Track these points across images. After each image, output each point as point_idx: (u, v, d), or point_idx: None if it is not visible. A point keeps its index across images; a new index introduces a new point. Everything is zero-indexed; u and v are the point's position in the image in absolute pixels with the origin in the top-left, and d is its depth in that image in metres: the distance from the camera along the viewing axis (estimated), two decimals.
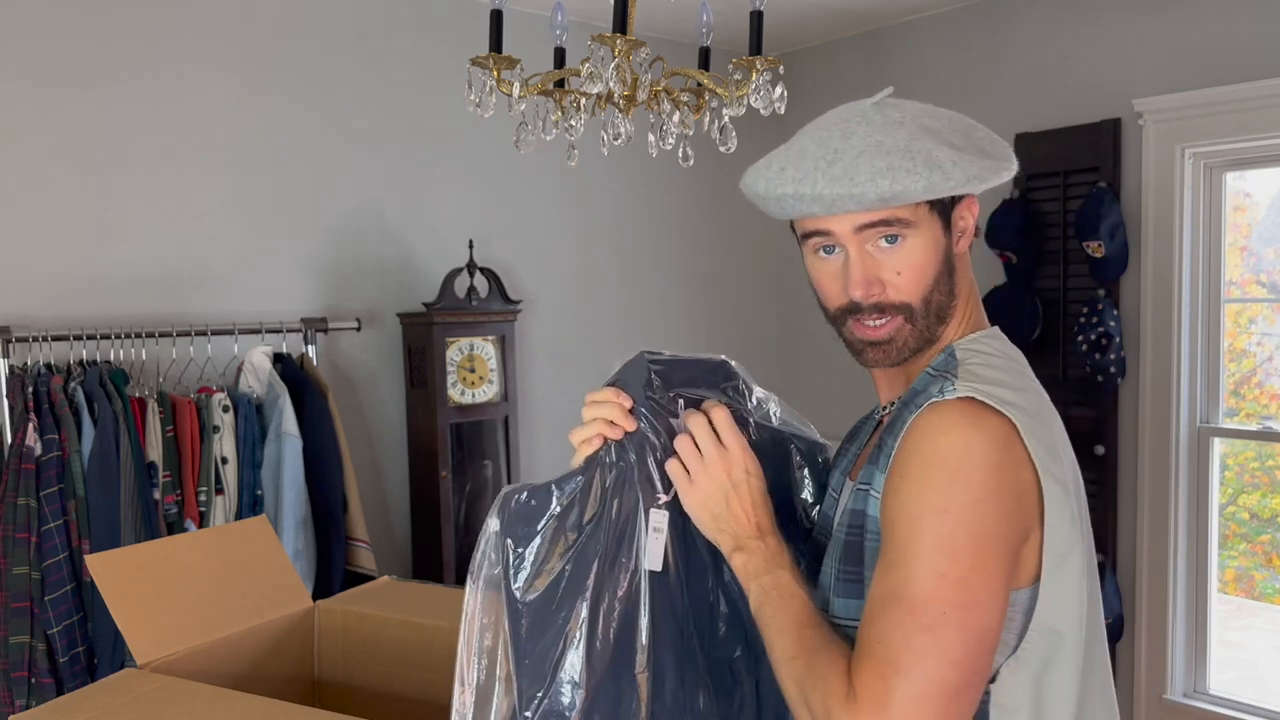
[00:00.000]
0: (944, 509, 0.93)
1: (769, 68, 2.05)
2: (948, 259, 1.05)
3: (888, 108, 1.06)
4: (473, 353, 3.54)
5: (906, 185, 0.99)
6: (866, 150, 1.01)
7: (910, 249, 1.04)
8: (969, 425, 0.95)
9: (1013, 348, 1.11)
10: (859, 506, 1.04)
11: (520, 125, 2.15)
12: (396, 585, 1.77)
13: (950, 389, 0.98)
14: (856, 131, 1.03)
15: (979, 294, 1.14)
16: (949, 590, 0.91)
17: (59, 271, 2.91)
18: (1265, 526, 4.11)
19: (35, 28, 2.86)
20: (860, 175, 1.00)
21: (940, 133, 1.03)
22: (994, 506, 0.94)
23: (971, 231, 1.07)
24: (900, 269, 1.04)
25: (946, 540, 0.92)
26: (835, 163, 1.02)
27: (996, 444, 0.95)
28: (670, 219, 4.30)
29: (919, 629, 0.91)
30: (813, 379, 4.49)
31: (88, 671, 2.61)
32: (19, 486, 2.55)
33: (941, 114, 1.06)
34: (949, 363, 1.05)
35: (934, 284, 1.05)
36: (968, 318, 1.10)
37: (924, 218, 1.03)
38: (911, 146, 1.00)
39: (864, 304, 1.06)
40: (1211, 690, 3.40)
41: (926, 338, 1.07)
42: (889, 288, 1.05)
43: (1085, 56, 3.52)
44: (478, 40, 2.13)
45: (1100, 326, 3.34)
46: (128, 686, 1.30)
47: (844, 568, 1.05)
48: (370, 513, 3.39)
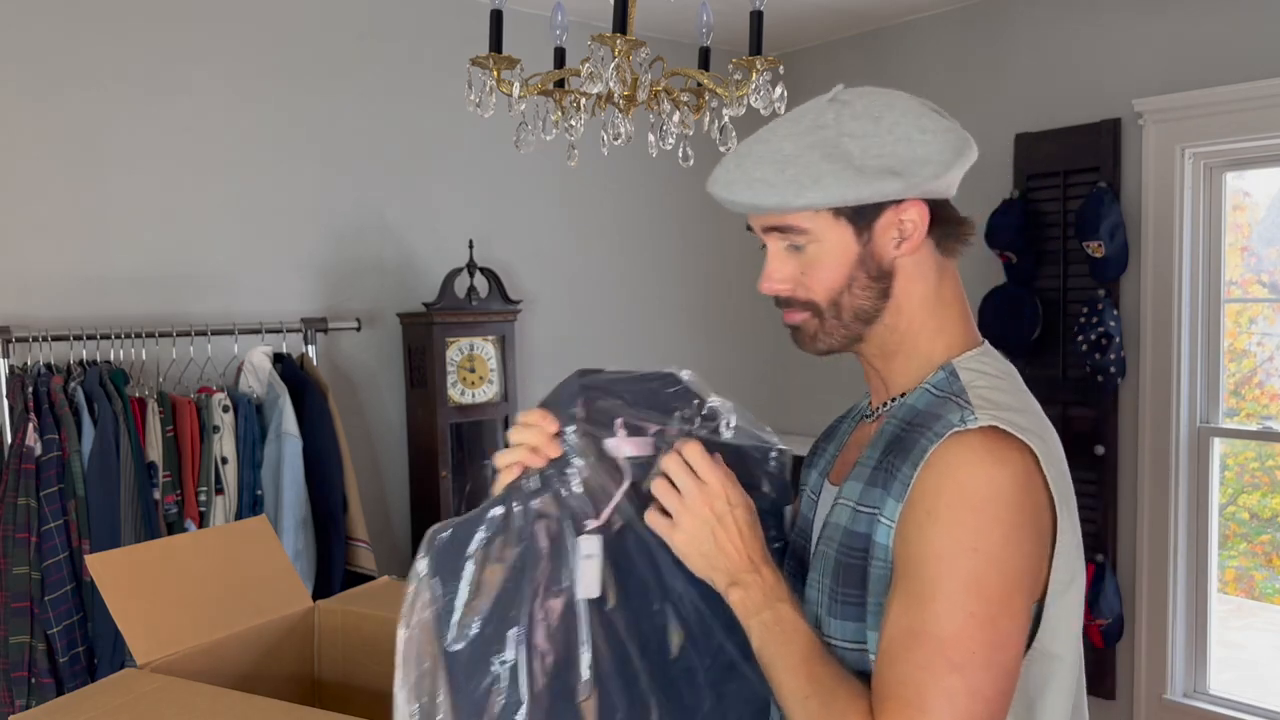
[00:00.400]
0: (974, 548, 0.93)
1: (769, 68, 2.05)
2: (867, 264, 1.05)
3: (831, 107, 1.07)
4: (473, 353, 3.54)
5: (762, 199, 1.03)
6: (763, 158, 1.04)
7: (812, 255, 1.05)
8: (995, 461, 0.95)
9: (1006, 363, 1.11)
10: (861, 529, 1.02)
11: (520, 125, 2.15)
12: (396, 585, 1.77)
13: (971, 418, 0.97)
14: (775, 134, 1.06)
15: (962, 301, 1.12)
16: (978, 629, 0.92)
17: (59, 271, 2.91)
18: (1265, 526, 4.11)
19: (35, 28, 2.86)
20: (739, 182, 1.04)
21: (850, 141, 1.02)
22: (1021, 543, 0.95)
23: (916, 237, 1.04)
24: (804, 270, 1.07)
25: (977, 580, 0.93)
26: (740, 165, 1.06)
27: (1020, 479, 0.95)
28: (670, 219, 4.30)
29: (948, 668, 0.91)
30: (810, 379, 4.49)
31: (88, 671, 2.61)
32: (19, 486, 2.55)
33: (888, 114, 1.04)
34: (951, 383, 1.04)
35: (844, 287, 1.05)
36: (948, 329, 1.09)
37: (825, 224, 1.04)
38: (796, 158, 1.02)
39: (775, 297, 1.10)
40: (1211, 690, 3.39)
41: (848, 334, 1.08)
42: (797, 285, 1.08)
43: (1085, 56, 3.52)
44: (478, 40, 2.13)
45: (1100, 326, 3.34)
46: (128, 686, 1.30)
47: (842, 589, 1.03)
48: (370, 513, 3.39)
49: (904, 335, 1.08)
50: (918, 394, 1.06)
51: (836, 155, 1.02)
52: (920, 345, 1.08)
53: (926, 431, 0.99)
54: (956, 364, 1.07)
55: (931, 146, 1.02)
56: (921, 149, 1.02)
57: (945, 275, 1.09)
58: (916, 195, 1.03)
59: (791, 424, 4.63)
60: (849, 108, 1.05)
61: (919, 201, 1.04)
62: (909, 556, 0.96)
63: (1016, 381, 1.08)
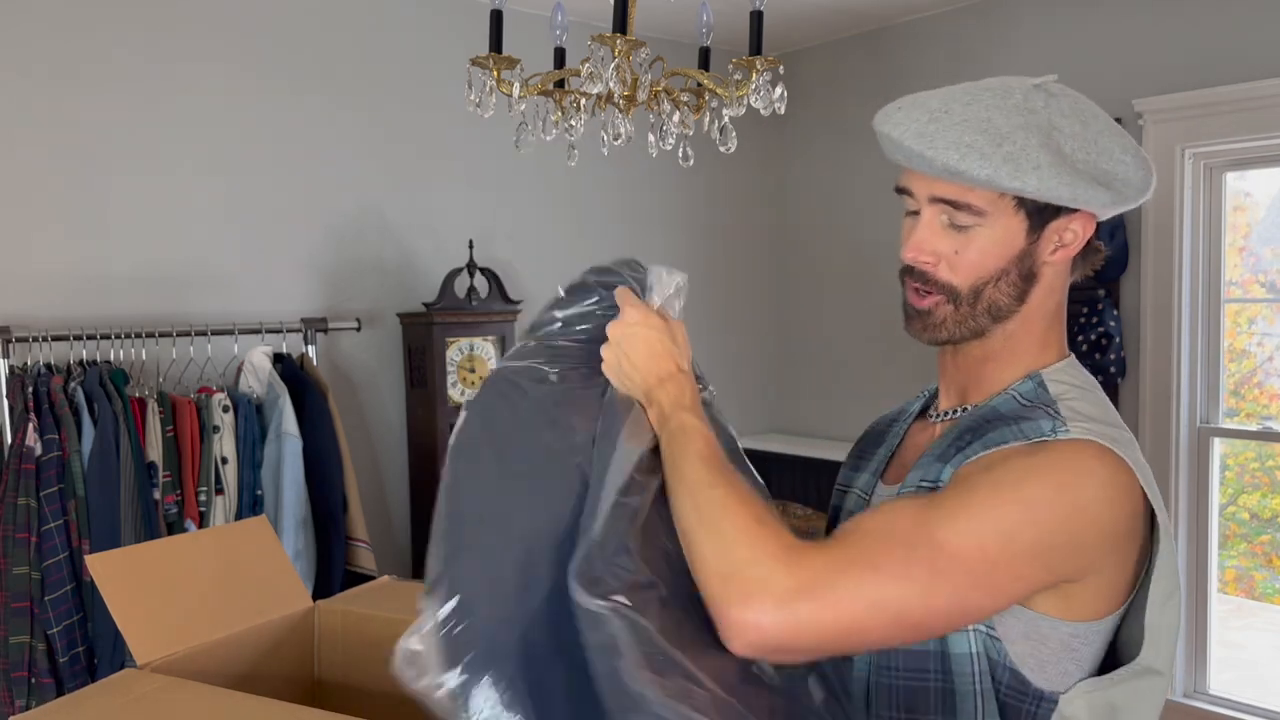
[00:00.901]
0: (1030, 503, 0.90)
1: (769, 68, 2.05)
2: (1023, 263, 1.01)
3: (1040, 94, 1.00)
4: (473, 353, 3.54)
5: (971, 168, 0.95)
6: (970, 122, 0.97)
7: (975, 236, 1.00)
8: (1097, 466, 0.92)
9: (1091, 378, 1.08)
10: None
11: (520, 125, 2.15)
12: (396, 585, 1.77)
13: (1063, 429, 0.94)
14: (980, 101, 0.99)
15: (1064, 319, 1.10)
16: (975, 562, 0.88)
17: (59, 271, 2.91)
18: (1265, 527, 4.11)
19: (35, 28, 2.86)
20: (941, 141, 0.97)
21: (1062, 137, 0.98)
22: (1073, 534, 0.91)
23: (1074, 248, 1.02)
24: (959, 249, 1.01)
25: (1009, 525, 0.89)
26: (935, 121, 0.99)
27: (1122, 479, 0.93)
28: (670, 219, 4.30)
29: (924, 564, 0.88)
30: (812, 380, 4.49)
31: (88, 671, 2.61)
32: (19, 486, 2.55)
33: (1094, 122, 1.01)
34: (1039, 394, 1.01)
35: (992, 279, 1.01)
36: (1053, 344, 1.07)
37: (1002, 210, 0.99)
38: (1011, 135, 0.96)
39: (914, 268, 1.04)
40: (1211, 690, 3.39)
41: (973, 328, 1.03)
42: (942, 263, 1.02)
43: (1085, 56, 3.52)
44: (478, 40, 2.13)
45: (1100, 326, 3.34)
46: (127, 687, 1.30)
47: None
48: (370, 513, 3.39)
49: (1017, 342, 1.05)
50: (1003, 398, 1.03)
51: (1051, 146, 0.97)
52: (1022, 354, 1.05)
53: (1013, 426, 0.97)
54: (1045, 375, 1.04)
55: (1131, 169, 1.00)
56: (1123, 169, 0.99)
57: (1065, 291, 1.08)
58: (1109, 211, 1.01)
59: (792, 424, 4.63)
60: (1057, 101, 1.00)
61: (1089, 216, 1.01)
62: (964, 476, 0.94)
63: (1101, 394, 1.05)
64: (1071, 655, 0.97)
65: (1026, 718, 0.97)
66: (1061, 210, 1.00)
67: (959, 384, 1.09)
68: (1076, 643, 0.97)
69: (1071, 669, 0.97)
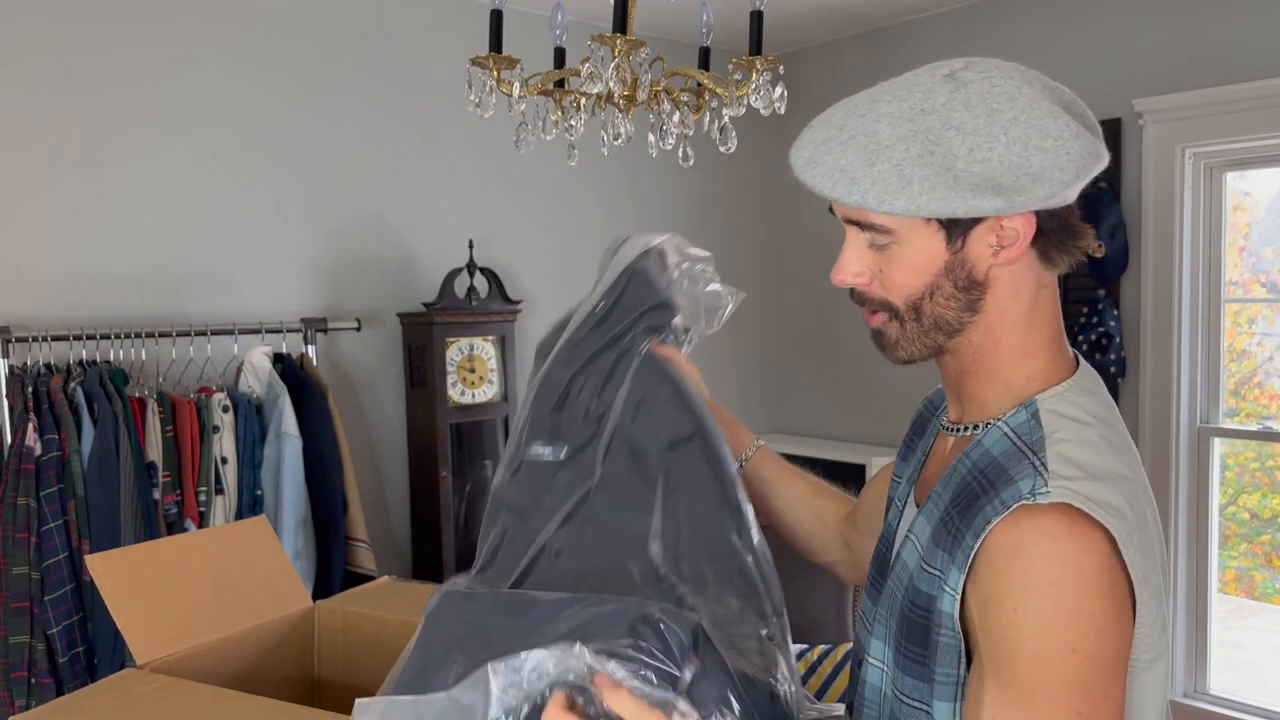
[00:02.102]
0: (1073, 649, 0.86)
1: (769, 68, 2.05)
2: (955, 273, 0.94)
3: (946, 86, 0.92)
4: (473, 353, 3.54)
5: (841, 194, 0.91)
6: (854, 139, 0.92)
7: (893, 255, 0.95)
8: (1081, 550, 0.86)
9: (1100, 397, 0.98)
10: (924, 589, 0.95)
11: (520, 125, 2.15)
12: (396, 585, 1.77)
13: (1043, 490, 0.87)
14: (875, 110, 0.93)
15: (1056, 321, 1.00)
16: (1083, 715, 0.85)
17: (59, 271, 2.91)
18: (1265, 527, 4.11)
19: (35, 28, 2.86)
20: (821, 167, 0.93)
21: (956, 136, 0.89)
22: (1114, 631, 0.88)
23: (1016, 248, 0.92)
24: (883, 268, 0.96)
25: (1078, 680, 0.86)
26: (827, 141, 0.94)
27: (1105, 565, 0.87)
28: (670, 219, 4.30)
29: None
30: (814, 382, 4.49)
31: (88, 671, 2.61)
32: (19, 486, 2.55)
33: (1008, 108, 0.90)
34: (1031, 431, 0.93)
35: (925, 294, 0.95)
36: (1037, 354, 0.97)
37: (911, 226, 0.92)
38: (888, 150, 0.90)
39: (854, 289, 1.00)
40: (1211, 690, 3.40)
41: (930, 344, 0.98)
42: (875, 281, 0.97)
43: (1085, 56, 3.52)
44: (478, 40, 2.13)
45: (1100, 326, 3.34)
46: (128, 687, 1.30)
47: (906, 644, 0.97)
48: (370, 513, 3.39)
49: (988, 355, 0.97)
50: (995, 436, 0.95)
51: (936, 155, 0.89)
52: (1002, 370, 0.97)
53: (994, 496, 0.89)
54: (1041, 402, 0.95)
55: (1050, 158, 0.88)
56: (1039, 160, 0.88)
57: (1044, 291, 0.97)
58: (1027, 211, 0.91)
59: (793, 424, 4.63)
60: (964, 90, 0.91)
61: (1027, 212, 0.91)
62: (1001, 654, 0.88)
63: (1109, 428, 0.95)
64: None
65: None
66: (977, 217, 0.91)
67: (954, 395, 1.04)
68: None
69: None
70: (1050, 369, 0.98)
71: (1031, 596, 0.86)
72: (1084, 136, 0.90)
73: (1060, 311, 1.00)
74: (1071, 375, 0.98)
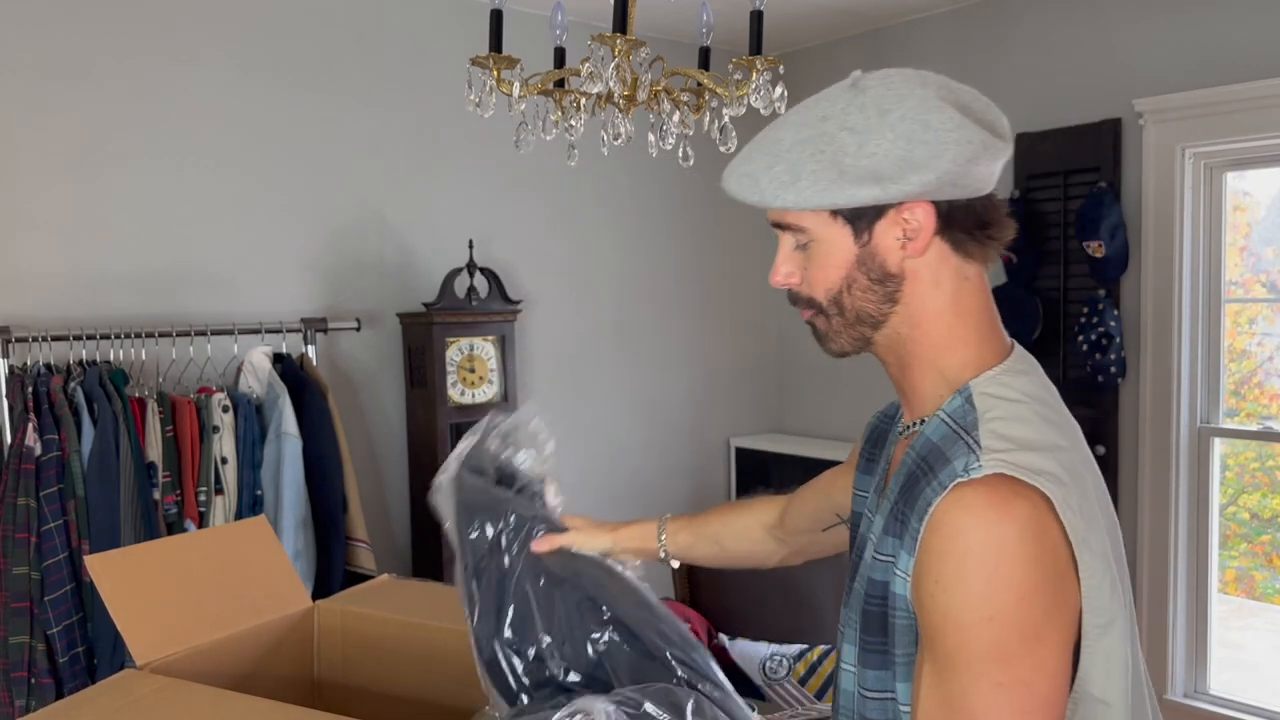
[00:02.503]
0: (988, 617, 0.88)
1: (769, 68, 2.05)
2: (868, 265, 0.99)
3: (845, 94, 0.99)
4: (473, 353, 3.54)
5: (748, 195, 1.01)
6: (763, 146, 1.01)
7: (812, 252, 1.02)
8: (1000, 518, 0.88)
9: (1034, 378, 1.03)
10: (878, 577, 0.99)
11: (520, 125, 2.15)
12: (396, 585, 1.77)
13: (975, 465, 0.90)
14: (786, 121, 1.02)
15: (985, 310, 1.04)
16: (1010, 697, 0.88)
17: (59, 271, 2.91)
18: (1265, 527, 4.11)
19: (35, 27, 2.86)
20: (736, 173, 1.02)
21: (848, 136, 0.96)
22: (1039, 598, 0.89)
23: (920, 239, 0.98)
24: (806, 266, 1.04)
25: (998, 649, 0.88)
26: (745, 153, 1.03)
27: (1031, 532, 0.89)
28: (670, 219, 4.30)
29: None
30: (813, 381, 4.49)
31: (87, 672, 2.61)
32: (19, 486, 2.55)
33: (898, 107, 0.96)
34: (966, 413, 0.97)
35: (842, 287, 1.01)
36: (967, 342, 1.02)
37: (821, 223, 1.00)
38: (787, 153, 0.98)
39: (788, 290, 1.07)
40: (1212, 690, 3.40)
41: (858, 336, 1.04)
42: (804, 281, 1.04)
43: (1085, 56, 3.52)
44: (478, 40, 2.13)
45: (1100, 326, 3.34)
46: (127, 688, 1.30)
47: (866, 636, 1.01)
48: (370, 513, 3.39)
49: (918, 345, 1.02)
50: (934, 424, 0.99)
51: (827, 153, 0.96)
52: (935, 359, 1.02)
53: (932, 479, 0.93)
54: (975, 386, 0.99)
55: (930, 149, 0.94)
56: (919, 151, 0.94)
57: (967, 283, 1.01)
58: (908, 199, 0.96)
59: (793, 424, 4.63)
60: (862, 95, 0.98)
61: (924, 202, 0.97)
62: (928, 625, 0.92)
63: (1044, 405, 0.99)
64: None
65: None
66: (884, 207, 0.97)
67: (903, 394, 1.08)
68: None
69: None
70: (982, 355, 1.02)
71: (949, 568, 0.89)
72: (967, 127, 0.95)
73: (990, 301, 1.05)
74: (1006, 359, 1.03)
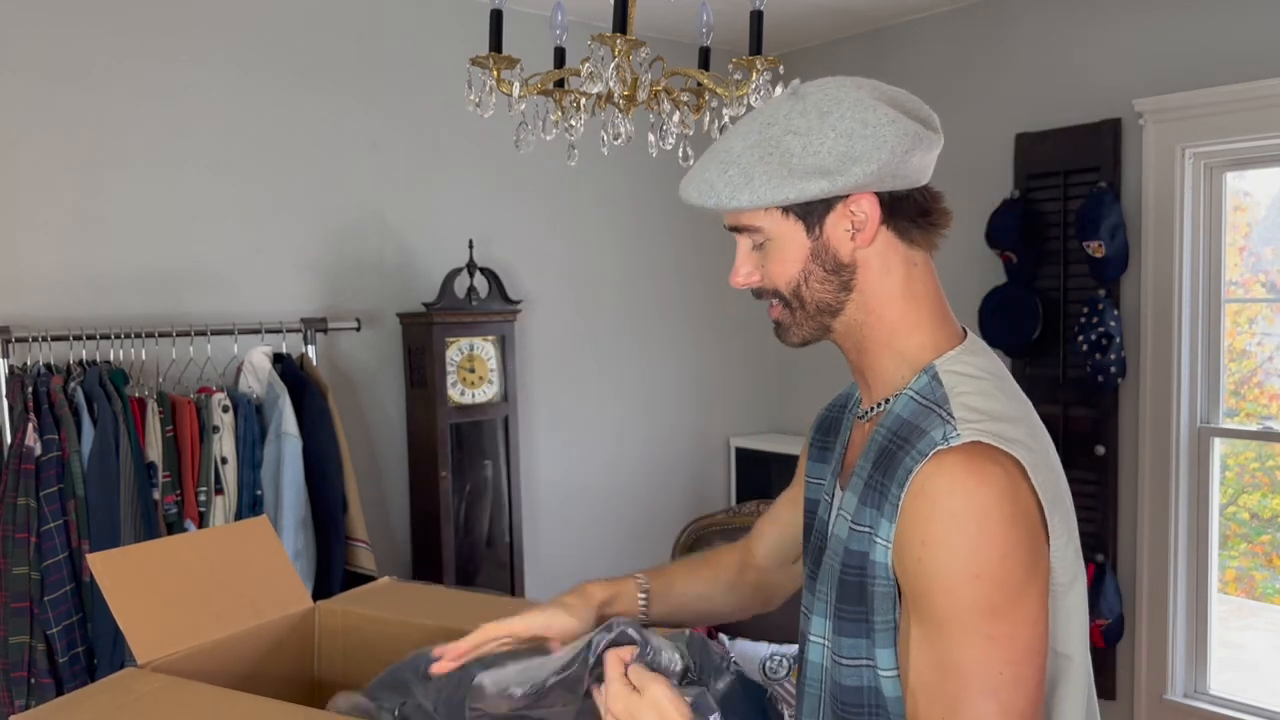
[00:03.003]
0: (975, 574, 0.93)
1: (769, 68, 2.05)
2: (822, 258, 1.07)
3: (787, 102, 1.07)
4: (473, 353, 3.54)
5: (706, 200, 1.07)
6: (716, 156, 1.08)
7: (768, 250, 1.09)
8: (980, 481, 0.95)
9: (991, 357, 1.10)
10: (856, 547, 1.03)
11: (520, 125, 2.15)
12: (397, 586, 1.77)
13: (953, 434, 0.97)
14: (735, 132, 1.09)
15: (936, 294, 1.11)
16: (1000, 649, 0.93)
17: (59, 271, 2.91)
18: (1265, 527, 4.11)
19: (35, 27, 2.86)
20: (693, 182, 1.09)
21: (793, 139, 1.03)
22: (1020, 555, 0.95)
23: (868, 230, 1.05)
24: (764, 264, 1.10)
25: (985, 604, 0.93)
26: (700, 164, 1.10)
27: (1008, 494, 0.95)
28: (671, 219, 4.30)
29: (982, 695, 0.93)
30: (813, 381, 4.49)
31: (87, 672, 2.61)
32: (19, 486, 2.55)
33: (836, 109, 1.03)
34: (934, 390, 1.03)
35: (800, 279, 1.08)
36: (922, 324, 1.08)
37: (774, 222, 1.07)
38: (739, 158, 1.05)
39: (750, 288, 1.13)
40: (1212, 690, 3.39)
41: (818, 325, 1.10)
42: (765, 278, 1.11)
43: (1085, 56, 3.52)
44: (478, 40, 2.13)
45: (1100, 326, 3.34)
46: (128, 686, 1.30)
47: (842, 605, 1.05)
48: (370, 513, 3.39)
49: (874, 329, 1.09)
50: (903, 401, 1.06)
51: (775, 155, 1.04)
52: (895, 341, 1.08)
53: (910, 449, 0.99)
54: (938, 365, 1.06)
55: (869, 143, 1.01)
56: (860, 145, 1.01)
57: (915, 268, 1.08)
58: (855, 190, 1.03)
59: (793, 424, 4.63)
60: (802, 102, 1.06)
61: (868, 194, 1.04)
62: (916, 589, 0.97)
63: (1003, 380, 1.07)
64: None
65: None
66: (831, 201, 1.04)
67: (862, 379, 1.14)
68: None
69: None
70: (938, 338, 1.09)
71: (935, 529, 0.95)
72: (901, 121, 1.03)
73: (939, 287, 1.12)
74: (962, 342, 1.10)
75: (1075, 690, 1.04)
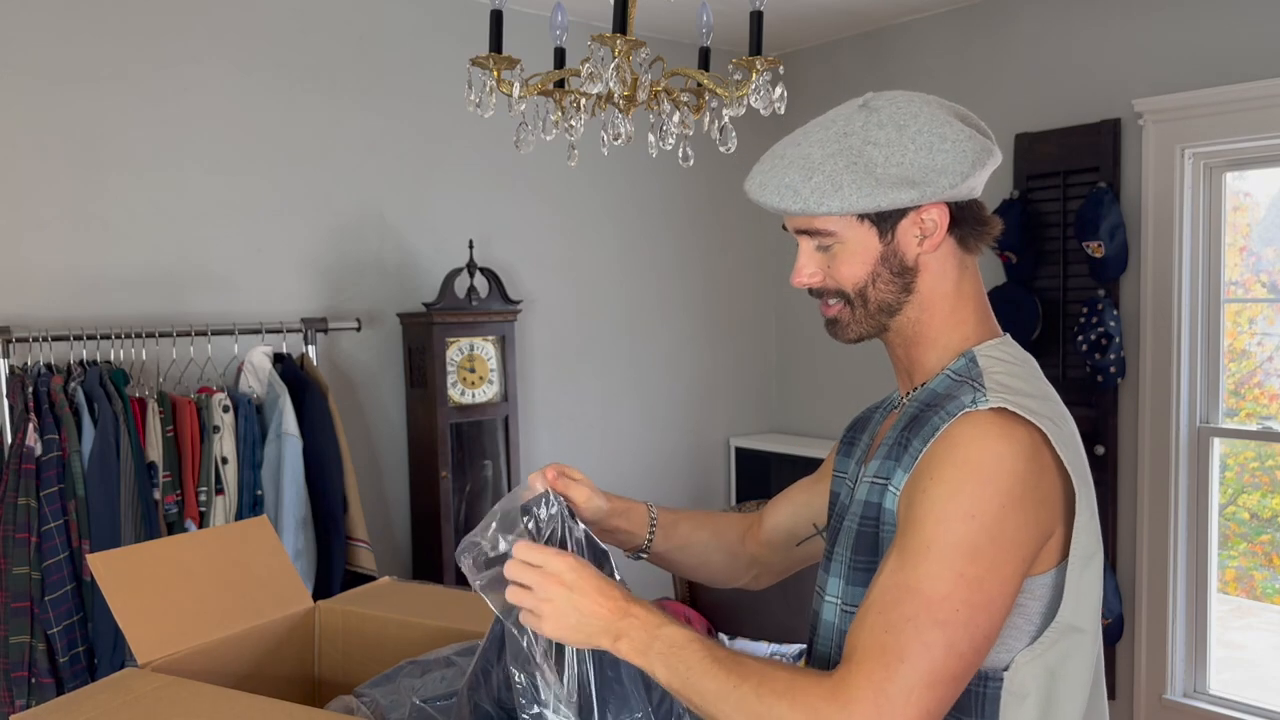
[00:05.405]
0: (971, 514, 0.99)
1: (769, 68, 2.05)
2: (891, 262, 1.13)
3: (861, 114, 1.13)
4: (473, 353, 3.54)
5: (789, 205, 1.11)
6: (793, 163, 1.12)
7: (838, 253, 1.14)
8: (1001, 436, 1.01)
9: (1026, 354, 1.17)
10: (873, 499, 1.10)
11: (520, 125, 2.15)
12: (397, 585, 1.77)
13: (983, 399, 1.04)
14: (808, 139, 1.14)
15: (981, 295, 1.19)
16: (966, 589, 0.98)
17: (59, 271, 2.91)
18: (1265, 526, 4.11)
19: (36, 27, 2.86)
20: (770, 187, 1.13)
21: (874, 150, 1.09)
22: (1018, 513, 1.00)
23: (936, 236, 1.12)
24: (831, 265, 1.16)
25: (970, 543, 0.98)
26: (773, 169, 1.14)
27: (1025, 454, 1.01)
28: (671, 219, 4.30)
29: (933, 623, 0.97)
30: (813, 381, 4.49)
31: (88, 671, 2.61)
32: (19, 486, 2.55)
33: (912, 123, 1.10)
34: (970, 369, 1.11)
35: (869, 281, 1.14)
36: (967, 320, 1.16)
37: (849, 226, 1.12)
38: (822, 165, 1.10)
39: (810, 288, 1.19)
40: (1211, 690, 3.40)
41: (876, 324, 1.17)
42: (827, 277, 1.16)
43: (1085, 56, 3.52)
44: (478, 40, 2.13)
45: (1100, 326, 3.34)
46: (128, 686, 1.30)
47: (856, 557, 1.12)
48: (370, 513, 3.39)
49: (926, 326, 1.16)
50: (939, 379, 1.14)
51: (859, 164, 1.09)
52: (941, 336, 1.16)
53: (940, 411, 1.06)
54: (977, 351, 1.14)
55: (950, 155, 1.09)
56: (941, 158, 1.08)
57: (966, 271, 1.17)
58: (937, 200, 1.10)
59: (793, 424, 4.63)
60: (876, 115, 1.12)
61: (940, 204, 1.11)
62: (910, 517, 1.02)
63: (1034, 369, 1.15)
64: (1020, 611, 1.04)
65: (976, 700, 1.05)
66: (905, 210, 1.11)
67: (905, 370, 1.21)
68: (1024, 599, 1.04)
69: (1011, 641, 1.04)
70: (980, 331, 1.17)
71: (948, 469, 1.01)
72: (975, 138, 1.11)
73: (983, 289, 1.20)
74: (1001, 337, 1.19)
75: (1083, 664, 1.07)
